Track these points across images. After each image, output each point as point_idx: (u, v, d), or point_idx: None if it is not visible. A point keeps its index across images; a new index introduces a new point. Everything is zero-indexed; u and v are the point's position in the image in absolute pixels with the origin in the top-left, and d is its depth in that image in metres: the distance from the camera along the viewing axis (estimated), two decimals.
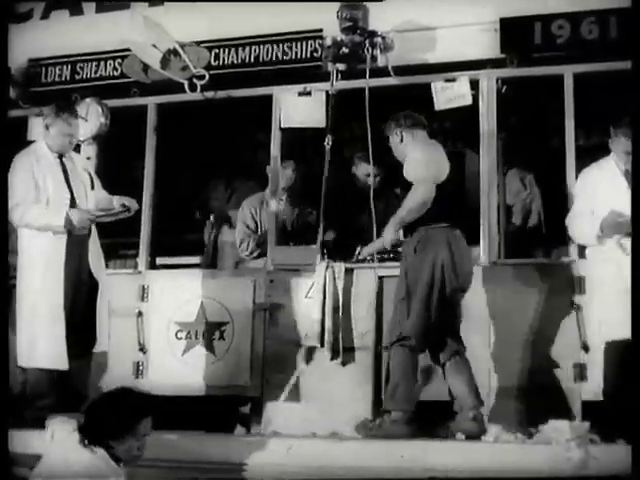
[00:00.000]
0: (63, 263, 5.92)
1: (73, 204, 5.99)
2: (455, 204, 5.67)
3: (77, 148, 6.87)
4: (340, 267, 6.28)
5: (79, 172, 6.17)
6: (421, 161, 5.65)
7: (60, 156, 6.11)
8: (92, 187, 6.17)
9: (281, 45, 6.76)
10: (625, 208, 5.24)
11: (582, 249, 5.79)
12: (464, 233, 5.69)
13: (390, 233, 5.65)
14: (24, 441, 5.11)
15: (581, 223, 5.53)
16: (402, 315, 5.53)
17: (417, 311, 5.48)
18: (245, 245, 7.07)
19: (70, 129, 6.10)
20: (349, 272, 6.29)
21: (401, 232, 5.68)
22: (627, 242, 5.26)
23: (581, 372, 5.77)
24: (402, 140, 5.83)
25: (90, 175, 6.24)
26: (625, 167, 5.46)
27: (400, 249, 5.78)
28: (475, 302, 6.02)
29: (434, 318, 5.48)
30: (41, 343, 5.88)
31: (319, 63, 6.64)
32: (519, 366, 5.91)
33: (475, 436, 5.34)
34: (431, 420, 5.61)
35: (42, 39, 7.33)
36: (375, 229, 5.97)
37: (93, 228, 6.09)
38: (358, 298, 6.22)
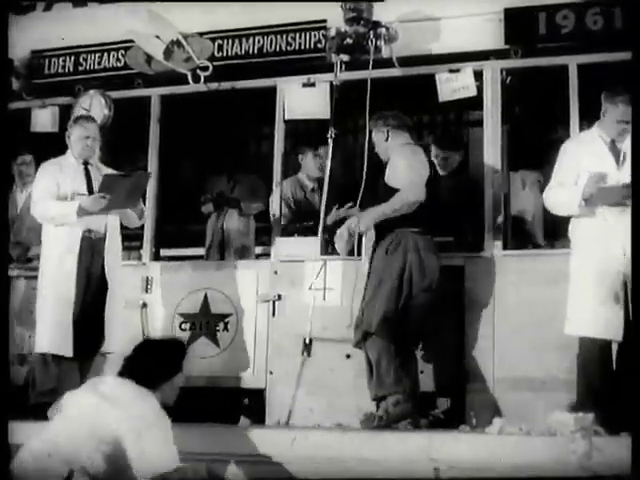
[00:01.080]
0: (77, 257, 6.17)
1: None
2: (428, 210, 5.73)
3: None
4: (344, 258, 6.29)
5: None
6: (410, 166, 5.78)
7: (85, 164, 6.36)
8: None
9: (285, 36, 6.74)
10: (608, 176, 5.29)
11: None
12: (433, 238, 5.80)
13: (368, 221, 5.73)
14: (25, 433, 5.11)
15: (560, 192, 5.49)
16: (369, 313, 5.64)
17: (383, 310, 5.58)
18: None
19: (87, 132, 6.35)
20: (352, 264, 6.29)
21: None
22: (610, 213, 5.27)
23: None
24: (387, 139, 5.97)
25: None
26: (610, 138, 5.41)
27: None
28: (479, 293, 6.03)
29: (398, 317, 5.60)
30: (48, 330, 6.09)
31: (323, 54, 6.62)
32: (523, 357, 5.91)
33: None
34: None
35: (45, 31, 7.31)
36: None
37: (112, 230, 6.34)
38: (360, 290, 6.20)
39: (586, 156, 5.44)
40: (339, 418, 5.90)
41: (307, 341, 5.84)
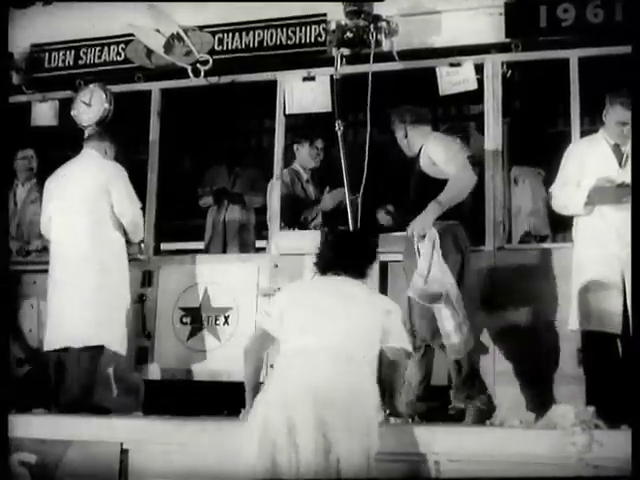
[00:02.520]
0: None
1: None
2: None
3: (81, 134, 6.92)
4: None
5: None
6: (451, 150, 5.78)
7: None
8: None
9: (285, 30, 6.74)
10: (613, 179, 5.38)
11: None
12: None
13: (425, 222, 5.48)
14: (26, 426, 5.13)
15: (566, 192, 5.55)
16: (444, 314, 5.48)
17: (461, 311, 5.48)
18: None
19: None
20: None
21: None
22: (609, 211, 5.35)
23: None
24: (406, 135, 5.91)
25: None
26: (614, 141, 5.48)
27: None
28: (479, 287, 6.03)
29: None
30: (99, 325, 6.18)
31: (323, 48, 6.62)
32: (524, 350, 5.92)
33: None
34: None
35: (45, 24, 7.31)
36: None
37: None
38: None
39: (590, 158, 5.52)
40: None
41: None
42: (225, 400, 6.44)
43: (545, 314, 5.91)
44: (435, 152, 5.75)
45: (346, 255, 4.67)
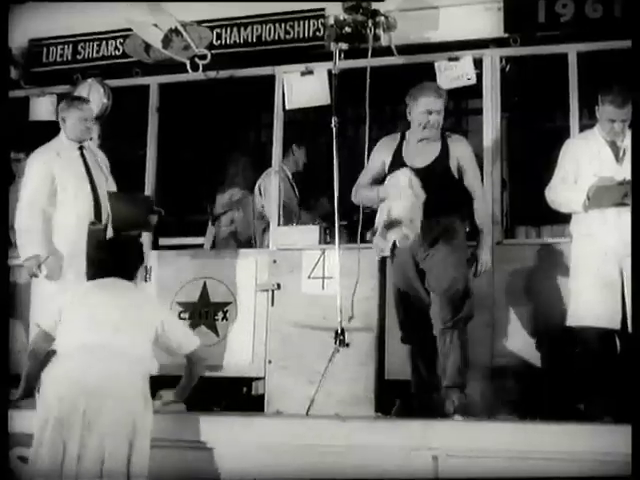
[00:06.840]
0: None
1: (96, 195, 6.21)
2: None
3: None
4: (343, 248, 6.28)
5: (100, 164, 6.40)
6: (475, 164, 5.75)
7: (81, 147, 6.28)
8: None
9: (283, 24, 6.75)
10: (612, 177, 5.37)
11: None
12: None
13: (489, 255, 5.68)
14: (24, 421, 5.12)
15: (564, 190, 5.55)
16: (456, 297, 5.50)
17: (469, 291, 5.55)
18: None
19: (84, 113, 6.28)
20: (352, 253, 6.27)
21: None
22: (610, 214, 5.34)
23: None
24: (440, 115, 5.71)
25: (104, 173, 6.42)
26: (610, 138, 5.48)
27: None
28: (477, 282, 6.02)
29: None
30: None
31: (322, 43, 6.62)
32: (520, 346, 5.92)
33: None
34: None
35: (43, 19, 7.31)
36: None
37: None
38: (361, 279, 6.19)
39: (586, 154, 5.52)
40: (337, 407, 5.90)
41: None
42: (223, 395, 6.48)
43: (545, 310, 5.91)
44: (467, 158, 5.67)
45: (117, 258, 5.11)
